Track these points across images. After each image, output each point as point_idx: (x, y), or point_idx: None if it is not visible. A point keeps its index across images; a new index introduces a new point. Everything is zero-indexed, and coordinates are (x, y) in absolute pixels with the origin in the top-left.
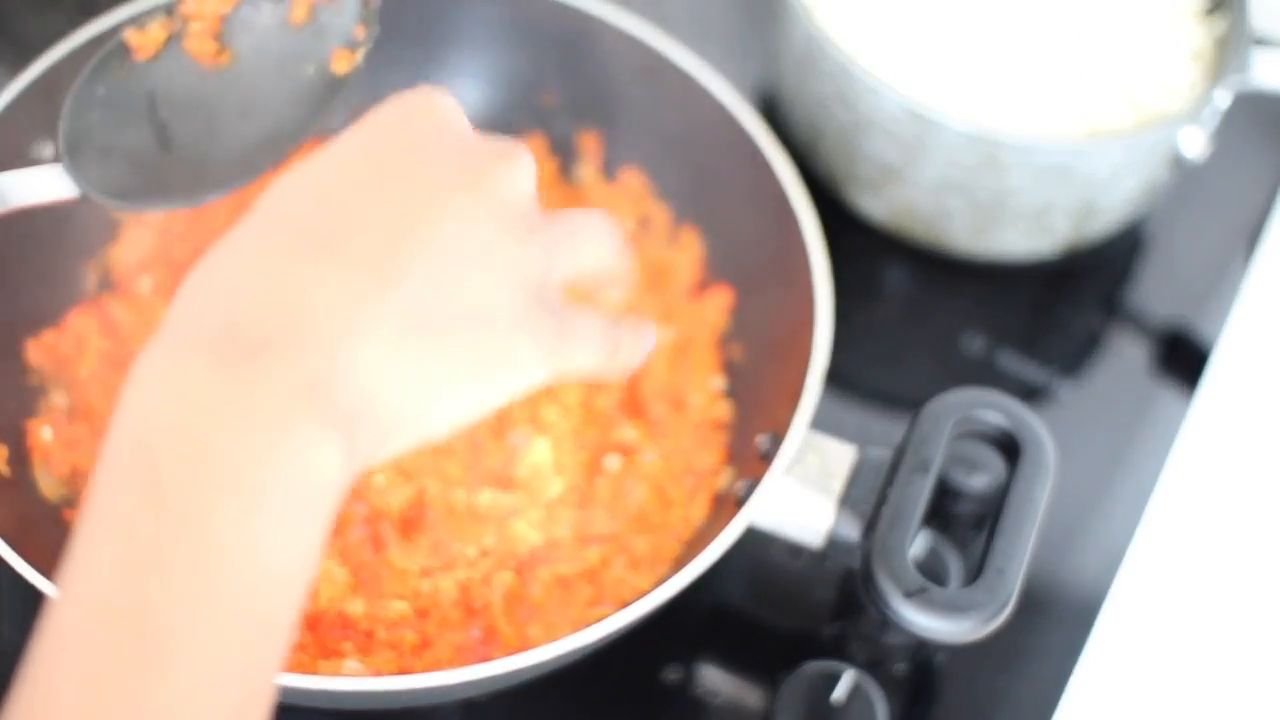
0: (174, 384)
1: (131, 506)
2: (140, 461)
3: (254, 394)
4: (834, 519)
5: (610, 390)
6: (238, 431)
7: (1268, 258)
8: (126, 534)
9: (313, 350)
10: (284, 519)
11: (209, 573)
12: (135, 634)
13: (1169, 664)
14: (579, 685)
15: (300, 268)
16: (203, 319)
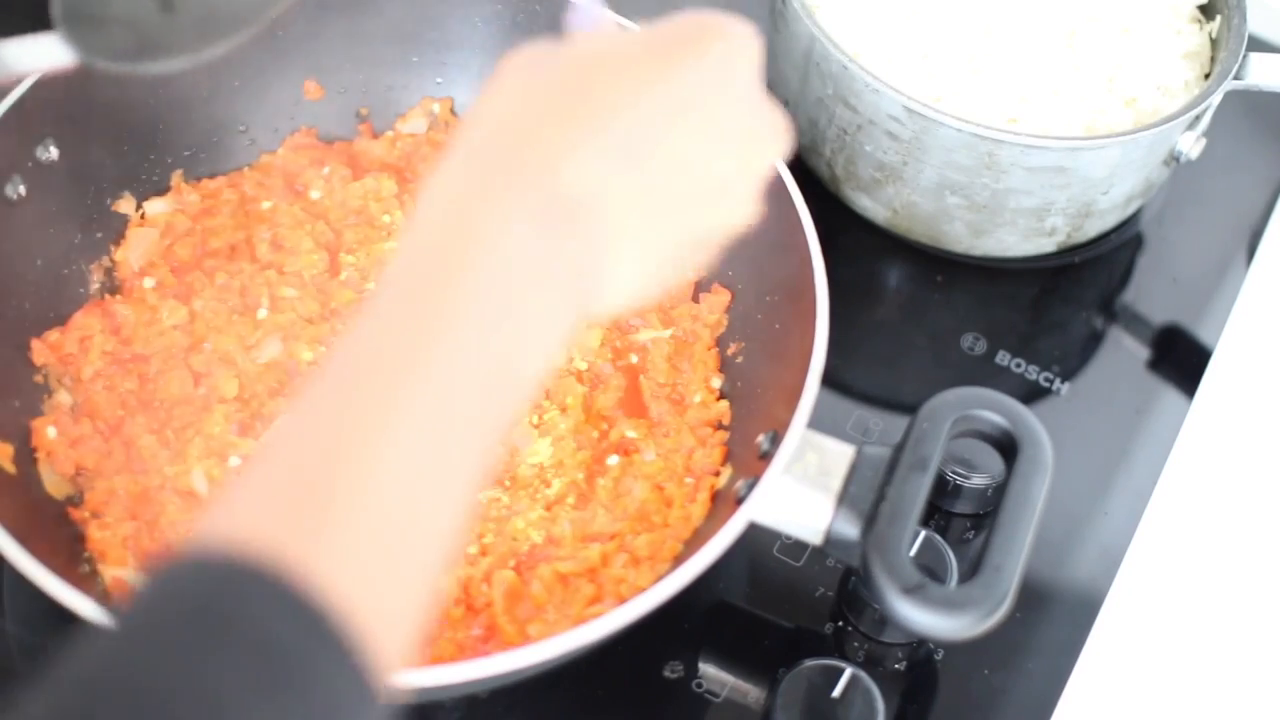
0: (456, 191)
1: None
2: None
3: (508, 200)
4: (832, 517)
5: (610, 390)
6: (532, 276)
7: (1266, 257)
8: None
9: (537, 163)
10: (542, 332)
11: (475, 297)
12: (421, 313)
13: (1168, 662)
14: (580, 682)
15: (569, 138)
16: (475, 148)
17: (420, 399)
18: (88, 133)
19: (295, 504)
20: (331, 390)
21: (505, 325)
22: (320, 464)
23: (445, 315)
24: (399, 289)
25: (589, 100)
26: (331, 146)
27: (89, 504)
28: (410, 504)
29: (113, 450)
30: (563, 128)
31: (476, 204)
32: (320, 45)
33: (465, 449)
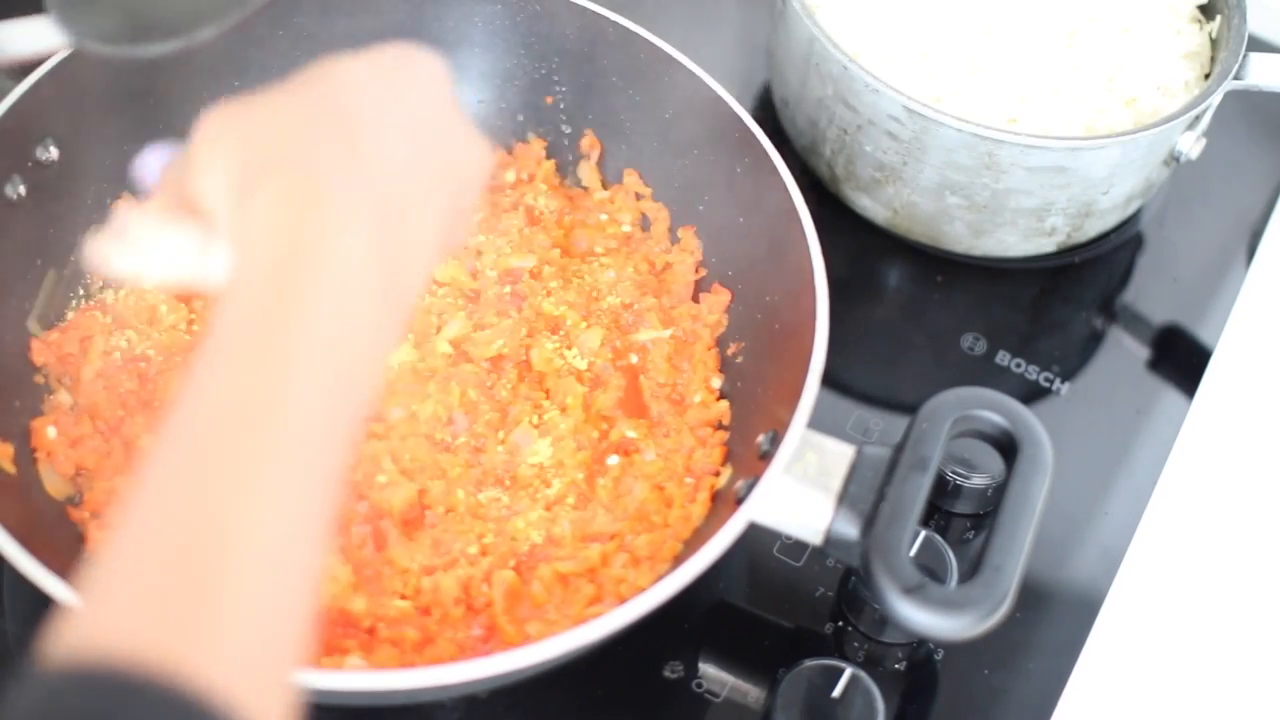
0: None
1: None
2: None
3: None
4: (832, 517)
5: (610, 390)
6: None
7: (1266, 257)
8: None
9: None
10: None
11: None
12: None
13: (1168, 662)
14: (580, 682)
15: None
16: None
17: (279, 449)
18: (88, 133)
19: (160, 597)
20: (186, 456)
21: (346, 341)
22: (185, 548)
23: (288, 343)
24: (234, 327)
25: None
26: None
27: (89, 504)
28: (282, 565)
29: (113, 450)
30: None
31: (298, 215)
32: (320, 45)
33: (326, 480)
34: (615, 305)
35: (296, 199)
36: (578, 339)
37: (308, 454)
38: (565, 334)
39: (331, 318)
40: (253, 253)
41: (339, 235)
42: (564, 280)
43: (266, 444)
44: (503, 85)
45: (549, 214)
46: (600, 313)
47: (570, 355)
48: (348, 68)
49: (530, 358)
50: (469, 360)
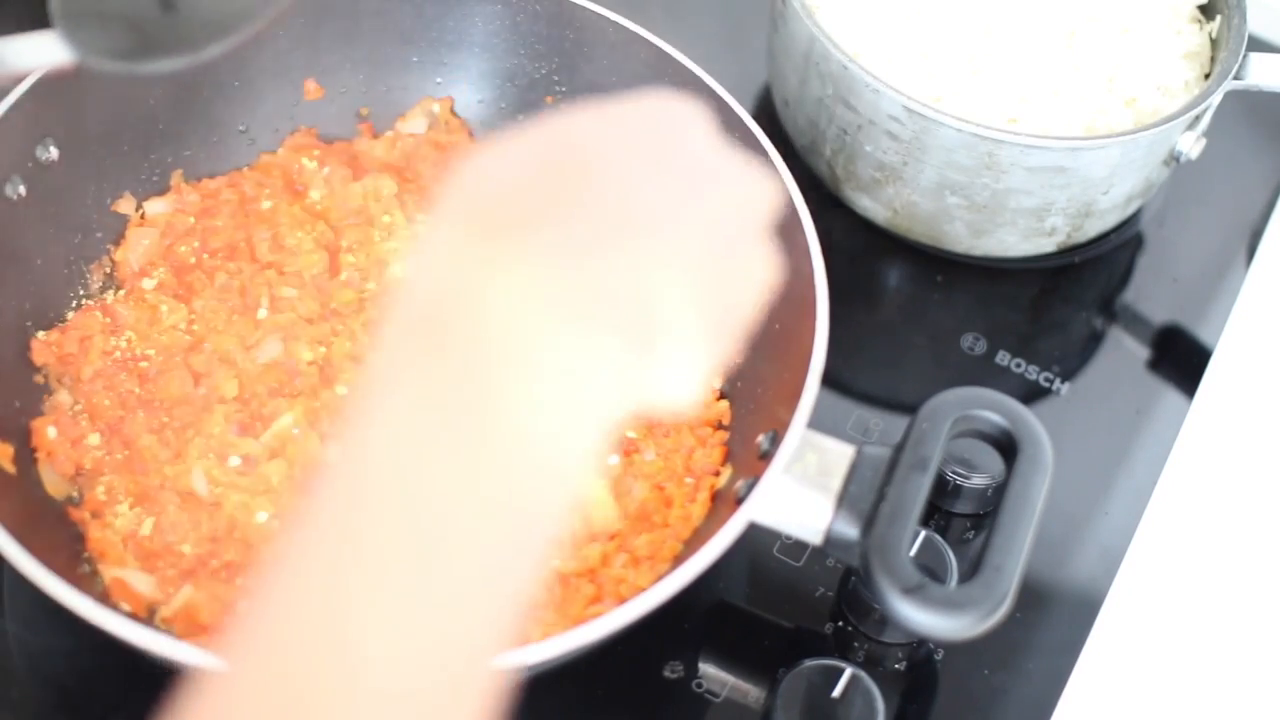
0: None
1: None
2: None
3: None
4: (832, 517)
5: None
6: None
7: (1266, 257)
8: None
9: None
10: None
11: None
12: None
13: (1168, 662)
14: (580, 682)
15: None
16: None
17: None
18: (88, 133)
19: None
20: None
21: (538, 394)
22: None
23: (457, 395)
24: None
25: (573, 162)
26: (331, 146)
27: (89, 504)
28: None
29: (113, 450)
30: (551, 186)
31: (471, 258)
32: (320, 45)
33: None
34: None
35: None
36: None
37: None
38: None
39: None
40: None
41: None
42: None
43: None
44: (503, 85)
45: None
46: None
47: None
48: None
49: None
50: None
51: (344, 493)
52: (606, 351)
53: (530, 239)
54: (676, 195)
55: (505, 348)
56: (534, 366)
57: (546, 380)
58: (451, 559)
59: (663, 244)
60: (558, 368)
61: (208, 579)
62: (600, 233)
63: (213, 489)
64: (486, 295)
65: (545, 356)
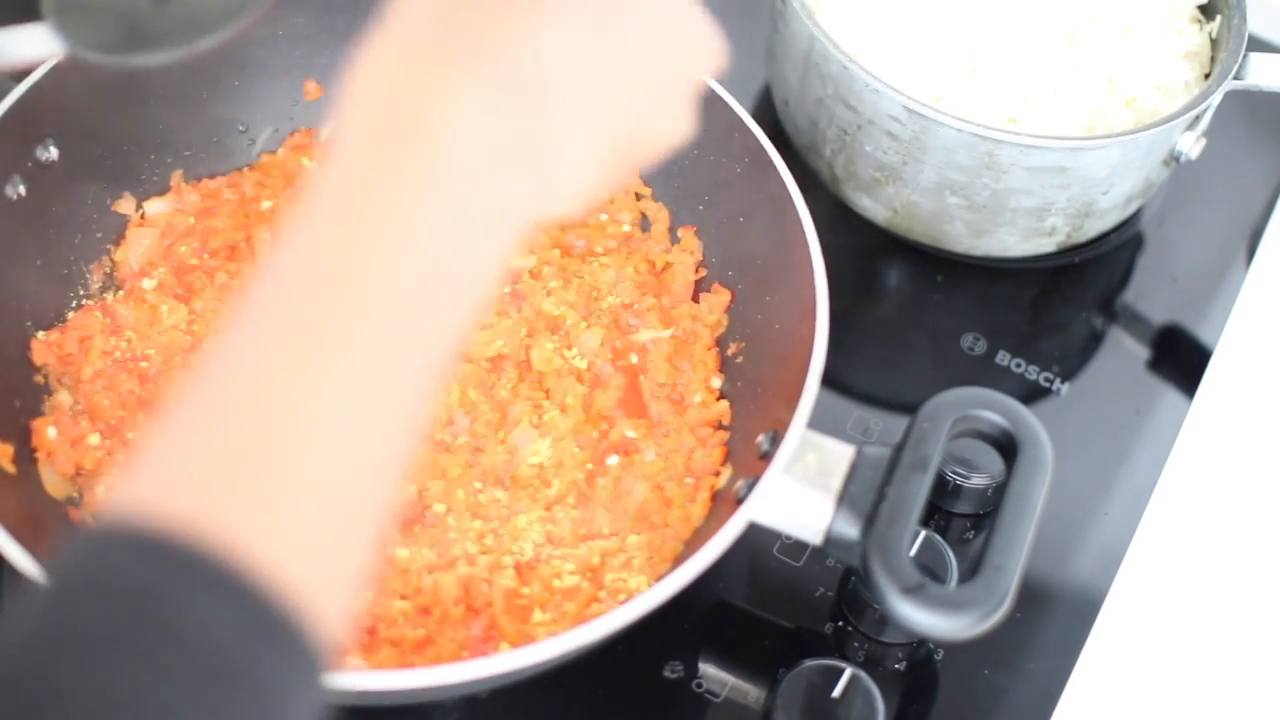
0: (392, 66)
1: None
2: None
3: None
4: (832, 517)
5: (610, 390)
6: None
7: (1266, 257)
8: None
9: (483, 31)
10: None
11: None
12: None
13: (1168, 662)
14: (580, 682)
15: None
16: (411, 19)
17: (362, 322)
18: (88, 133)
19: (225, 468)
20: (265, 318)
21: (458, 219)
22: (248, 415)
23: (390, 211)
24: (334, 184)
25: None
26: None
27: (89, 504)
28: (358, 453)
29: (113, 450)
30: (506, 11)
31: (418, 78)
32: (320, 45)
33: (413, 375)
34: (615, 305)
35: (433, 55)
36: (578, 339)
37: (398, 337)
38: (565, 334)
39: (438, 185)
40: (366, 104)
41: (455, 97)
42: (564, 280)
43: (352, 314)
44: None
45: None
46: (600, 313)
47: (570, 355)
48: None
49: (530, 358)
50: (469, 360)
51: (297, 265)
52: (510, 176)
53: (473, 67)
54: (614, 51)
55: (433, 159)
56: (454, 178)
57: (464, 192)
58: (381, 325)
59: (589, 96)
60: (473, 183)
61: None
62: (534, 74)
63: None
64: (427, 109)
65: (465, 171)
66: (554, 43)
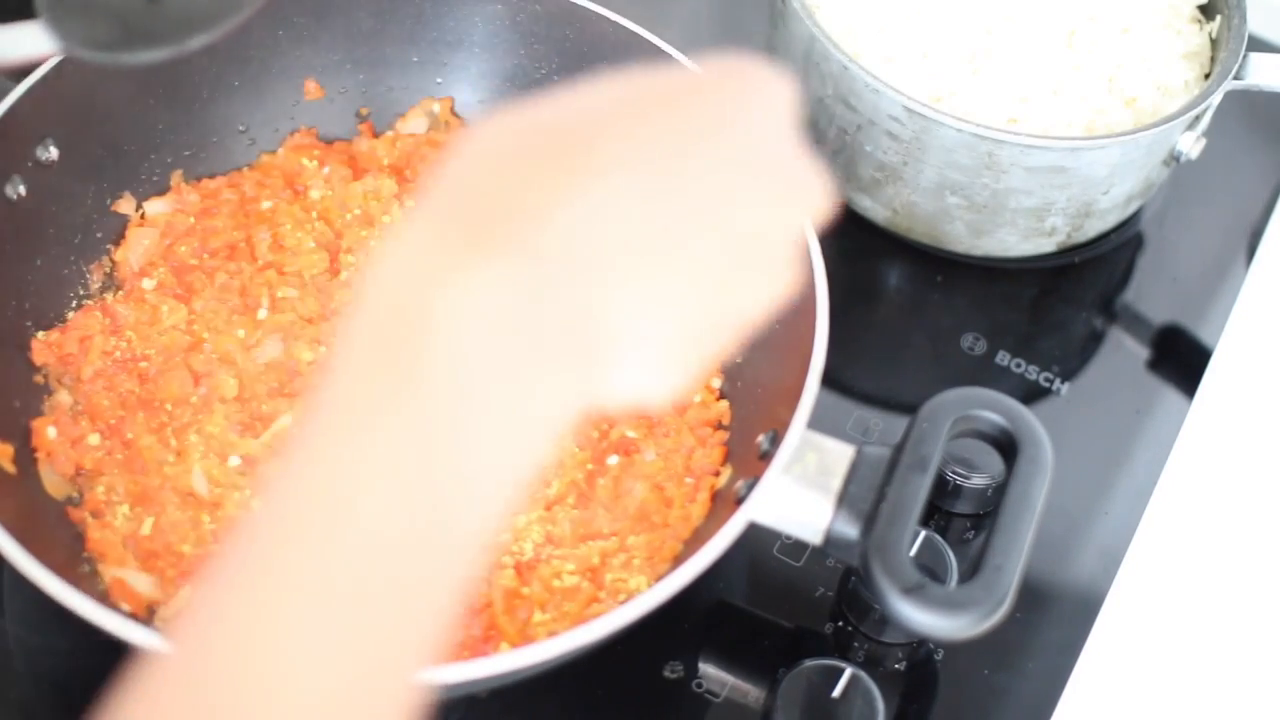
0: (411, 256)
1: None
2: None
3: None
4: (832, 517)
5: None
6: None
7: (1266, 257)
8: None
9: (514, 215)
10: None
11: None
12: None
13: (1168, 662)
14: (580, 682)
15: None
16: (434, 208)
17: (347, 573)
18: (88, 133)
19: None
20: (240, 572)
21: (487, 424)
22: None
23: (393, 431)
24: (335, 399)
25: (580, 146)
26: (331, 146)
27: (89, 504)
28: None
29: (113, 450)
30: (546, 176)
31: (431, 268)
32: (320, 45)
33: (410, 630)
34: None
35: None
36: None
37: (399, 581)
38: None
39: (455, 379)
40: (377, 302)
41: (475, 286)
42: None
43: (338, 566)
44: (503, 85)
45: None
46: None
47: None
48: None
49: None
50: None
51: (286, 499)
52: (552, 373)
53: (501, 250)
54: (690, 207)
55: (451, 365)
56: (475, 386)
57: (486, 402)
58: (383, 570)
59: (659, 266)
60: (497, 391)
61: None
62: (584, 248)
63: (213, 489)
64: (442, 308)
65: (488, 377)
66: (603, 205)
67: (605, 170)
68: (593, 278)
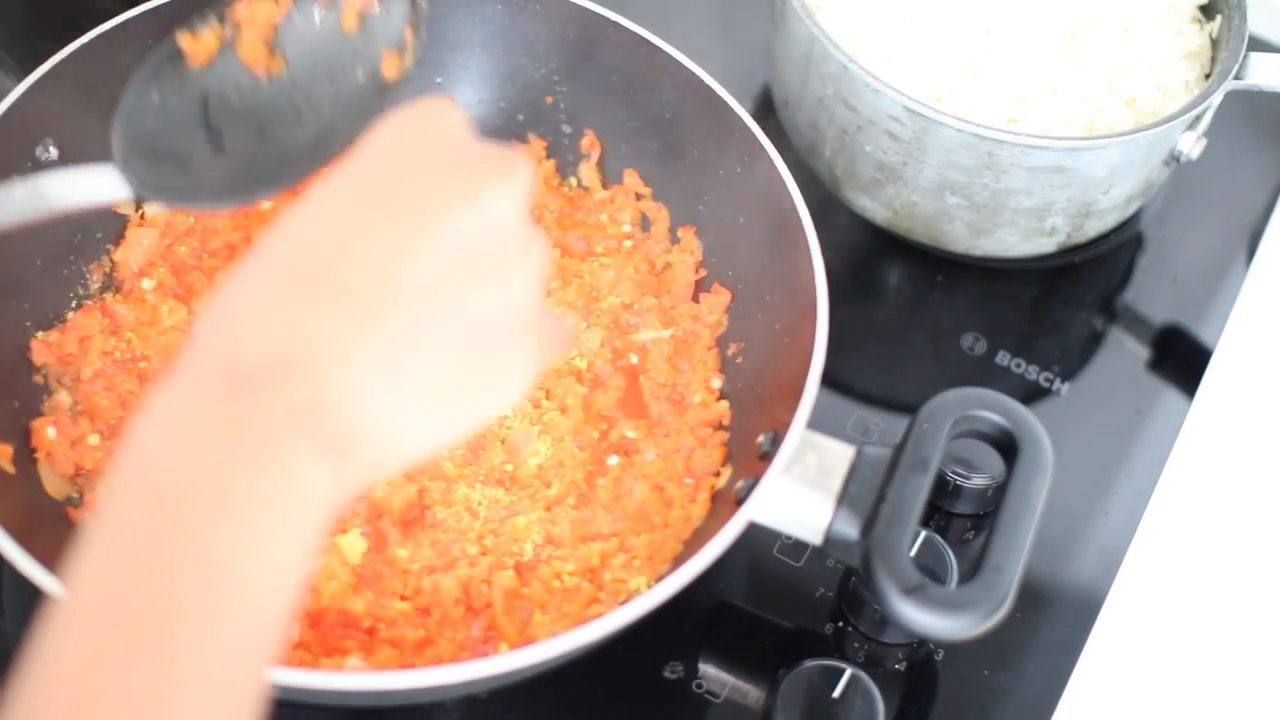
0: (181, 413)
1: (138, 517)
2: (148, 479)
3: (250, 422)
4: (832, 517)
5: (610, 390)
6: (235, 455)
7: (1266, 257)
8: (131, 541)
9: (304, 381)
10: (276, 532)
11: (207, 576)
12: (136, 626)
13: (1168, 662)
14: (580, 682)
15: (296, 304)
16: (209, 354)
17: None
18: (88, 133)
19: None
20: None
21: (221, 528)
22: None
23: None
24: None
25: (311, 256)
26: None
27: (89, 504)
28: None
29: (113, 450)
30: (264, 286)
31: (160, 390)
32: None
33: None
34: (615, 305)
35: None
36: (578, 339)
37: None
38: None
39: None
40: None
41: (185, 396)
42: (564, 280)
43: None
44: (503, 85)
45: (549, 214)
46: (600, 313)
47: (570, 355)
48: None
49: None
50: None
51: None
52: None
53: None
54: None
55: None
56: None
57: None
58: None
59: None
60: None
61: None
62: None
63: None
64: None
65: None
66: (323, 326)
67: (336, 269)
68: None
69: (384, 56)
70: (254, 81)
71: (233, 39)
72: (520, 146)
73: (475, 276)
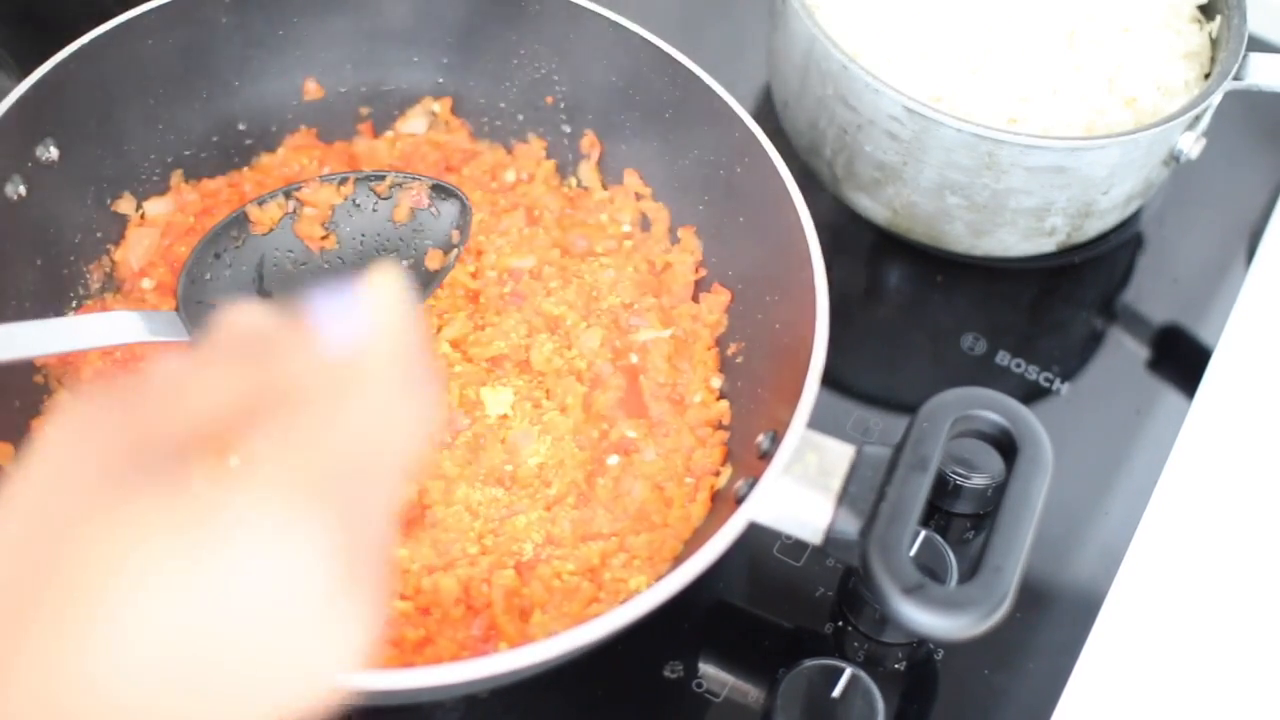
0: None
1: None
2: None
3: None
4: (832, 517)
5: (610, 390)
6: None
7: (1266, 257)
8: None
9: None
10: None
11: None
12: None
13: (1168, 662)
14: (580, 682)
15: None
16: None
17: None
18: (88, 133)
19: None
20: None
21: None
22: None
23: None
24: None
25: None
26: (331, 146)
27: None
28: None
29: None
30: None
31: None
32: (320, 45)
33: None
34: (615, 305)
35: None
36: (578, 339)
37: None
38: (565, 334)
39: None
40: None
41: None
42: (564, 280)
43: None
44: (503, 85)
45: (549, 214)
46: (600, 312)
47: (570, 355)
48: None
49: (530, 357)
50: (469, 360)
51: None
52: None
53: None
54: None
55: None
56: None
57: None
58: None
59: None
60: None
61: None
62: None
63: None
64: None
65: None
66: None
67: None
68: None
69: (429, 251)
70: (307, 252)
71: (294, 214)
72: (521, 146)
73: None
